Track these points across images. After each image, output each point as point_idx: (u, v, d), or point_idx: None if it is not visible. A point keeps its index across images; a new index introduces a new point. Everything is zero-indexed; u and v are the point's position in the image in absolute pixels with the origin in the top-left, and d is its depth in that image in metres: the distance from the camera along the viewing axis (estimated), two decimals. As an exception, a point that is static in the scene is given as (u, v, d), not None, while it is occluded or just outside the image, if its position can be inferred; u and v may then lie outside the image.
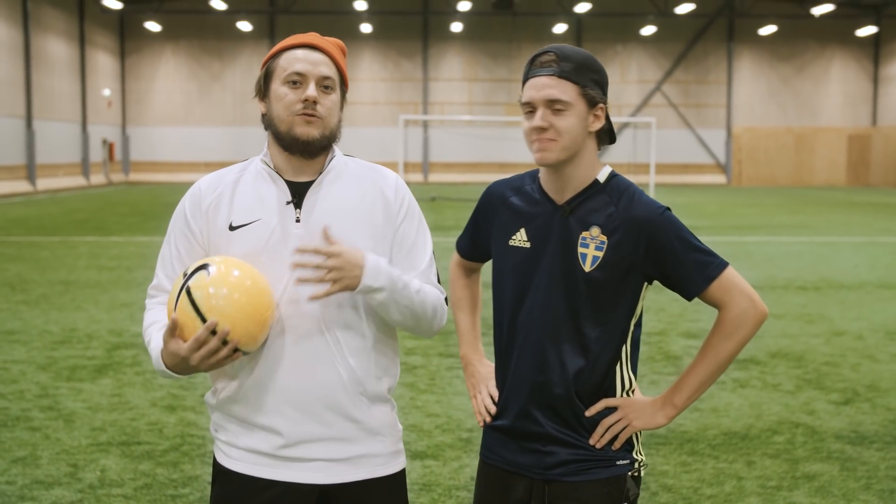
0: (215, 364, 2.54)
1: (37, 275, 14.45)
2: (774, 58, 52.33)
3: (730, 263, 2.80)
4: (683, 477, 5.80)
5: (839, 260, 16.96)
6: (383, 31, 50.43)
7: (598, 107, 2.74)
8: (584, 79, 2.71)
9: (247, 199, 2.73)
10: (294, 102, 2.68)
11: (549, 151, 2.72)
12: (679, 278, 2.76)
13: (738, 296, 2.74)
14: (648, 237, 2.73)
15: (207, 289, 2.53)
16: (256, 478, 2.71)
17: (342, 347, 2.70)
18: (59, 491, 5.50)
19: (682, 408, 2.81)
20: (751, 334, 2.76)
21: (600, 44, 51.36)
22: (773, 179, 51.56)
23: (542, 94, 2.70)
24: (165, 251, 2.83)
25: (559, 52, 2.72)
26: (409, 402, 7.31)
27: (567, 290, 2.76)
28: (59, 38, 43.47)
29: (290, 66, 2.70)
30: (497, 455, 2.90)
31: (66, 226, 23.37)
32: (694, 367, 2.80)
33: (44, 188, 40.02)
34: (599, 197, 2.78)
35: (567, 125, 2.70)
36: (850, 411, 7.20)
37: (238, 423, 2.74)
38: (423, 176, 50.37)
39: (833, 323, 10.82)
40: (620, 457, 2.82)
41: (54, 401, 7.37)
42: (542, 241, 2.79)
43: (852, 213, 29.11)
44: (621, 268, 2.74)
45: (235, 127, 49.87)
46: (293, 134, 2.68)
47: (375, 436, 2.78)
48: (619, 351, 2.81)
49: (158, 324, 2.75)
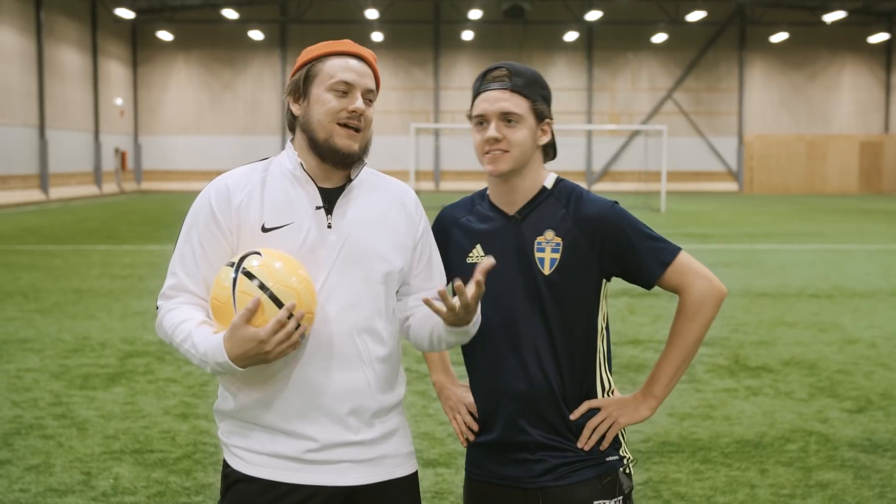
0: (286, 350, 2.50)
1: (50, 283, 14.50)
2: (786, 65, 52.24)
3: (682, 248, 2.87)
4: (696, 485, 5.79)
5: (852, 268, 16.90)
6: (394, 40, 50.52)
7: (546, 122, 2.86)
8: (534, 94, 2.82)
9: (278, 200, 2.70)
10: (338, 111, 2.67)
11: (501, 162, 2.81)
12: (636, 268, 2.84)
13: (695, 278, 2.83)
14: (603, 232, 2.81)
15: (270, 270, 2.51)
16: (279, 483, 2.67)
17: (370, 353, 2.71)
18: (73, 499, 5.51)
19: (662, 398, 2.88)
20: (713, 314, 2.84)
21: (611, 51, 51.40)
22: (784, 187, 51.43)
23: (495, 106, 2.79)
24: (186, 249, 2.72)
25: (511, 67, 2.82)
26: (420, 409, 7.31)
27: (531, 297, 2.82)
28: (71, 47, 43.68)
29: (338, 73, 2.68)
30: (485, 470, 2.92)
31: (78, 234, 23.45)
32: (665, 355, 2.88)
33: (56, 197, 40.17)
34: (549, 202, 2.87)
35: (519, 137, 2.80)
36: (863, 419, 7.17)
37: (258, 428, 2.71)
38: (434, 184, 50.42)
39: (846, 331, 10.78)
40: (609, 454, 2.87)
41: (67, 409, 7.39)
42: (499, 253, 2.84)
43: (865, 221, 29.01)
44: (580, 266, 2.81)
45: (247, 136, 49.98)
46: (333, 144, 2.67)
47: (392, 437, 2.79)
48: (594, 352, 2.87)
49: (195, 320, 2.64)
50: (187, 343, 2.61)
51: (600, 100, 52.03)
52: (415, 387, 7.96)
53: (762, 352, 9.64)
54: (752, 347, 9.84)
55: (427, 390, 7.87)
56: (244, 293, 2.50)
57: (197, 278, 2.70)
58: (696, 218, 30.22)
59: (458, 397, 3.01)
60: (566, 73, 51.64)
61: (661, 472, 6.00)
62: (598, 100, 52.01)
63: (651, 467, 6.09)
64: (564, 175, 2.89)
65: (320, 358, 2.66)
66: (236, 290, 2.51)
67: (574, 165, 50.71)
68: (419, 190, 38.11)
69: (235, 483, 2.73)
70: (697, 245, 20.76)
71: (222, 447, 2.81)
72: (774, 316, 11.74)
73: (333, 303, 2.67)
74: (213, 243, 2.70)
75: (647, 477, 5.91)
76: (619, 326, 10.84)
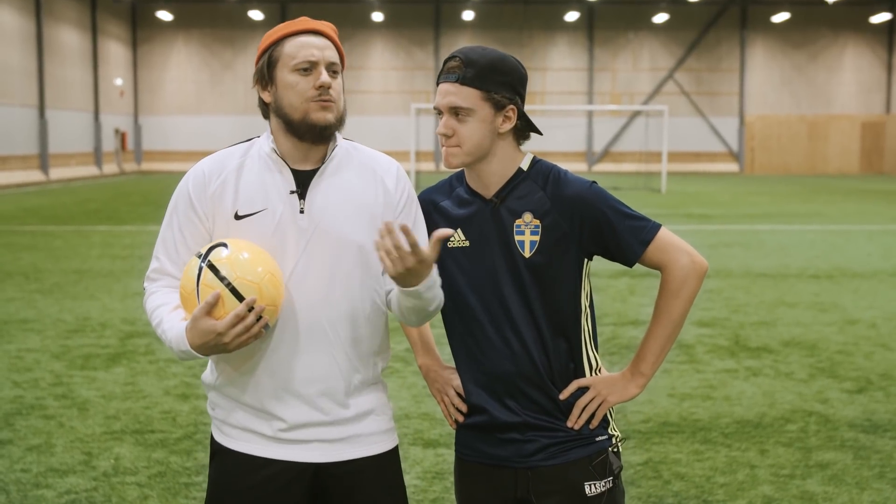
0: (245, 341, 2.54)
1: (50, 264, 14.50)
2: (787, 45, 52.07)
3: (662, 225, 2.86)
4: (696, 465, 5.80)
5: (852, 248, 16.89)
6: (395, 20, 50.35)
7: (509, 108, 2.79)
8: (487, 83, 2.75)
9: (251, 187, 2.72)
10: (307, 90, 2.67)
11: (453, 157, 2.80)
12: (617, 247, 2.83)
13: (677, 253, 2.82)
14: (582, 212, 2.79)
15: (234, 263, 2.54)
16: (254, 456, 2.75)
17: (341, 337, 2.72)
18: (74, 479, 5.53)
19: (650, 375, 2.89)
20: (696, 288, 2.84)
21: (612, 31, 51.22)
22: (785, 168, 51.37)
23: (444, 101, 2.77)
24: (168, 234, 2.78)
25: (465, 57, 2.76)
26: (421, 390, 7.32)
27: (513, 279, 2.82)
28: (71, 27, 43.54)
29: (298, 53, 2.68)
30: (475, 451, 2.93)
31: (79, 215, 23.44)
32: (651, 332, 2.88)
33: (57, 178, 40.14)
34: (526, 184, 2.85)
35: (469, 131, 2.76)
36: (863, 400, 7.18)
37: (237, 405, 2.77)
38: (434, 165, 50.35)
39: (846, 311, 10.78)
40: (598, 434, 2.87)
41: (68, 389, 7.40)
42: (479, 236, 2.85)
43: (866, 202, 28.98)
44: (560, 247, 2.80)
45: (247, 116, 49.83)
46: (310, 121, 2.68)
47: (368, 415, 2.81)
48: (579, 331, 2.87)
49: (169, 305, 2.70)
50: (160, 328, 2.69)
51: (601, 80, 51.88)
52: (415, 367, 7.95)
53: (762, 332, 9.64)
54: (753, 328, 9.85)
55: (427, 371, 7.87)
56: (207, 286, 2.54)
57: (178, 262, 2.76)
58: (697, 198, 30.19)
59: (444, 379, 3.01)
60: (567, 53, 51.49)
61: (661, 453, 6.01)
62: (599, 80, 51.87)
63: (651, 447, 6.10)
64: (565, 156, 2.88)
65: (290, 342, 2.69)
66: (200, 282, 2.55)
67: (575, 146, 50.59)
68: (420, 171, 38.07)
69: (216, 453, 2.83)
70: (698, 226, 20.75)
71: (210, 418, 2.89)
72: (775, 296, 11.74)
73: (304, 288, 2.69)
74: (191, 229, 2.75)
75: (647, 457, 5.92)
76: (619, 307, 10.84)
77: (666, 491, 5.40)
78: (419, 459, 5.87)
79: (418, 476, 5.59)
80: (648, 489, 5.42)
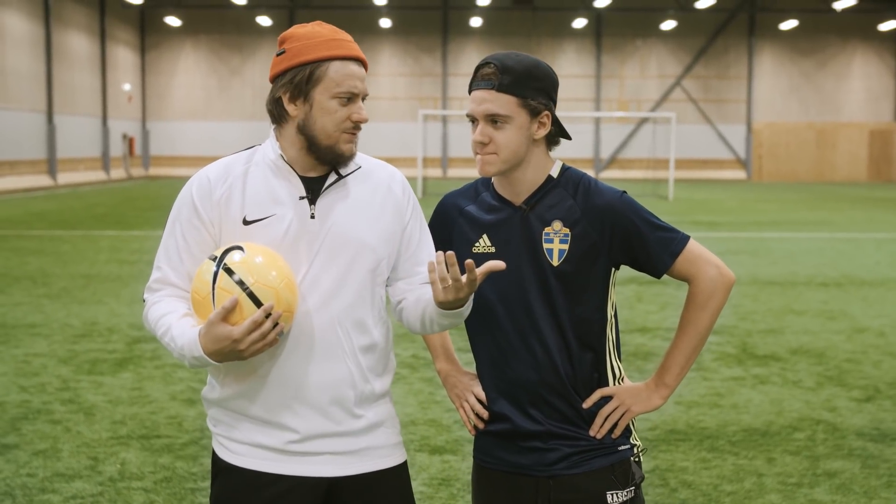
0: (261, 349, 2.49)
1: (58, 268, 14.52)
2: (796, 53, 52.01)
3: (691, 236, 2.86)
4: (703, 473, 5.78)
5: (861, 256, 16.85)
6: (403, 26, 50.40)
7: (543, 114, 2.78)
8: (524, 90, 2.73)
9: (259, 192, 2.68)
10: (344, 120, 2.65)
11: (489, 165, 2.77)
12: (647, 258, 2.82)
13: (705, 266, 2.82)
14: (612, 222, 2.78)
15: (251, 267, 2.50)
16: (262, 472, 2.69)
17: (353, 344, 2.70)
18: (80, 484, 5.52)
19: (674, 386, 2.87)
20: (723, 301, 2.84)
21: (620, 38, 51.22)
22: (793, 175, 51.27)
23: (481, 108, 2.74)
24: (170, 243, 2.73)
25: (499, 64, 2.73)
26: (427, 396, 7.31)
27: (540, 287, 2.80)
28: (80, 32, 43.67)
29: (344, 81, 2.63)
30: (496, 458, 2.90)
31: (86, 220, 23.49)
32: (676, 344, 2.87)
33: (64, 182, 40.22)
34: (556, 192, 2.83)
35: (506, 139, 2.74)
36: (871, 408, 7.16)
37: (243, 418, 2.72)
38: (441, 171, 50.37)
39: (855, 320, 10.75)
40: (620, 443, 2.85)
41: (75, 394, 7.41)
42: (506, 243, 2.83)
43: (874, 209, 28.92)
44: (589, 257, 2.79)
45: (255, 122, 49.92)
46: (338, 150, 2.66)
47: (378, 428, 2.78)
48: (604, 340, 2.86)
49: (177, 313, 2.64)
50: (167, 336, 2.62)
51: (609, 87, 51.87)
52: (422, 374, 7.96)
53: (770, 340, 9.62)
54: (760, 336, 9.82)
55: (434, 377, 7.87)
56: (223, 290, 2.49)
57: (181, 272, 2.71)
58: (705, 206, 30.15)
59: (464, 385, 2.98)
60: (575, 60, 51.49)
61: (668, 461, 5.99)
62: (607, 87, 51.86)
63: (658, 455, 6.09)
64: (572, 163, 2.87)
65: (301, 349, 2.66)
66: (216, 286, 2.50)
67: (582, 153, 50.59)
68: (427, 177, 38.03)
69: (220, 472, 2.77)
70: (706, 233, 20.72)
71: (211, 434, 2.82)
72: (783, 304, 11.71)
73: (315, 294, 2.66)
74: (195, 236, 2.71)
75: (654, 465, 5.91)
76: (626, 314, 10.82)
77: (673, 499, 5.39)
78: (425, 466, 5.86)
79: (424, 483, 5.58)
80: (655, 497, 5.40)
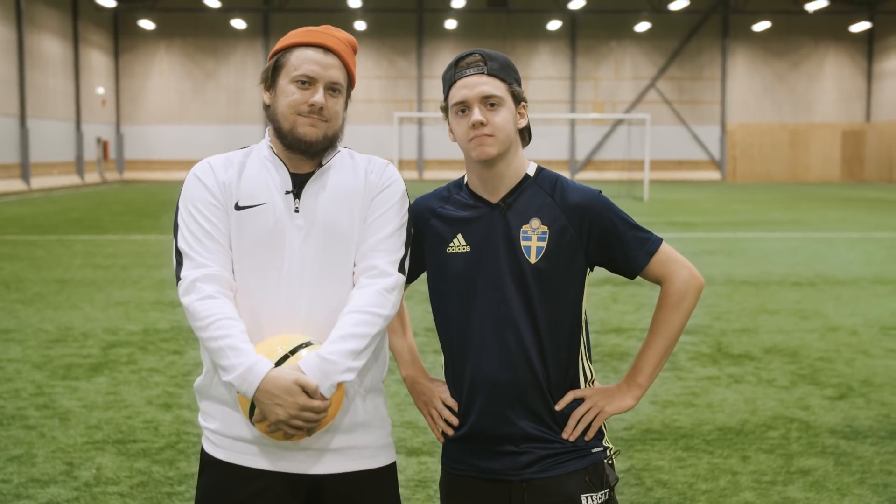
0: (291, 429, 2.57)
1: (32, 273, 14.43)
2: (769, 54, 52.36)
3: (663, 239, 2.90)
4: (678, 472, 5.81)
5: (834, 256, 16.98)
6: (378, 29, 50.38)
7: (522, 105, 2.84)
8: (509, 77, 2.81)
9: (253, 181, 2.74)
10: (300, 103, 2.68)
11: (488, 146, 2.77)
12: (623, 256, 2.85)
13: (678, 268, 2.86)
14: (591, 220, 2.81)
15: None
16: (244, 467, 2.70)
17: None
18: (55, 489, 5.49)
19: (646, 386, 2.89)
20: (694, 303, 2.87)
21: (594, 40, 51.39)
22: (767, 175, 51.60)
23: (476, 91, 2.77)
24: (197, 229, 2.68)
25: (483, 53, 2.82)
26: (404, 398, 7.31)
27: (517, 285, 2.80)
28: (52, 36, 43.38)
29: (300, 65, 2.69)
30: (466, 464, 2.88)
31: (60, 224, 23.33)
32: (649, 344, 2.89)
33: (38, 187, 39.95)
34: (532, 190, 2.85)
35: (502, 120, 2.78)
36: (844, 406, 7.22)
37: (228, 409, 2.72)
38: (417, 173, 50.37)
39: (828, 318, 10.83)
40: (594, 445, 2.86)
41: (50, 399, 7.36)
42: (482, 241, 2.83)
43: (847, 209, 29.14)
44: (567, 255, 2.81)
45: (230, 125, 49.78)
46: (296, 134, 2.69)
47: (366, 427, 2.78)
48: (577, 341, 2.87)
49: (241, 325, 2.61)
50: (220, 341, 2.58)
51: (583, 89, 52.03)
52: (397, 375, 7.93)
53: (744, 339, 9.68)
54: (735, 335, 9.88)
55: (411, 379, 7.87)
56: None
57: (214, 252, 2.68)
58: (680, 206, 30.29)
59: (431, 391, 2.97)
60: (549, 61, 51.63)
61: (643, 460, 6.02)
62: (582, 89, 52.02)
63: (633, 455, 6.12)
64: (548, 164, 2.89)
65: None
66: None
67: (557, 154, 50.70)
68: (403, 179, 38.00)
69: (206, 466, 2.78)
70: (681, 234, 20.82)
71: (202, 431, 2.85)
72: (757, 304, 11.79)
73: (301, 284, 2.68)
74: (219, 215, 2.71)
75: (629, 464, 5.93)
76: (602, 315, 10.86)
77: (648, 498, 5.41)
78: (402, 468, 5.86)
79: (401, 485, 5.55)
80: (631, 496, 5.43)
